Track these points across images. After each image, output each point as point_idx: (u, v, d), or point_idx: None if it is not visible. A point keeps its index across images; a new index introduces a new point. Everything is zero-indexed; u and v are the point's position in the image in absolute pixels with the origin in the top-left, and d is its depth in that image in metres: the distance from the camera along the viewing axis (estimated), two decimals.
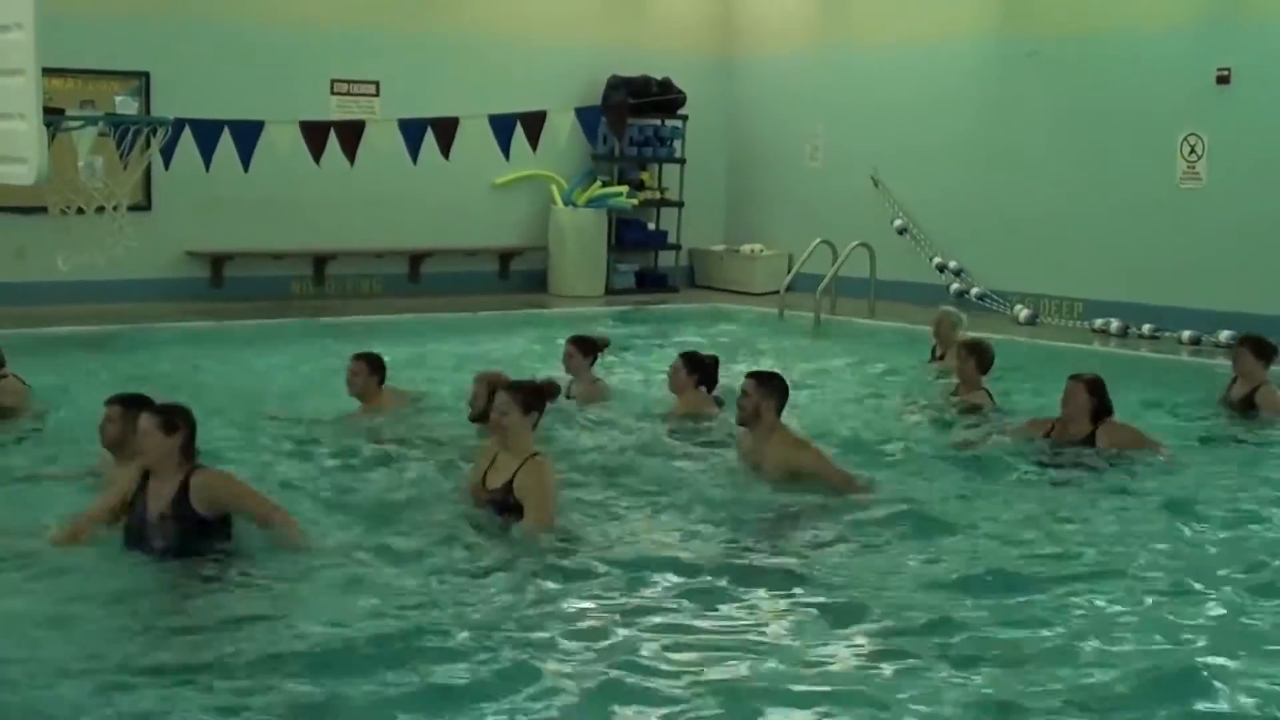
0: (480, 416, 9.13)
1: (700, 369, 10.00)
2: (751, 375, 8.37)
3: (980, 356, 10.53)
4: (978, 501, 8.18)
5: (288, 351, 12.94)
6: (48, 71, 6.70)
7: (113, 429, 7.53)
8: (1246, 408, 10.43)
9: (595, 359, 10.66)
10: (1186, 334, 14.45)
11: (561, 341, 11.00)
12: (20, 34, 6.48)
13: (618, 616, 6.14)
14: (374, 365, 9.83)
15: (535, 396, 7.52)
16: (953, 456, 9.25)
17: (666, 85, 18.38)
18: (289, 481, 8.29)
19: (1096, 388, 9.12)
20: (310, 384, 11.41)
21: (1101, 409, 9.10)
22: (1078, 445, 9.02)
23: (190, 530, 6.53)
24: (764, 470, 8.21)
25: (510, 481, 7.24)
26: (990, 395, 10.47)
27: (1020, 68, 16.34)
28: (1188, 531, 7.66)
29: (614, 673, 5.48)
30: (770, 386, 8.22)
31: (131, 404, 7.54)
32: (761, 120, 19.32)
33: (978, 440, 9.51)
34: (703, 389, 10.01)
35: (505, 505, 7.24)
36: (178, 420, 6.65)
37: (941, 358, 12.11)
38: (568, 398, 10.29)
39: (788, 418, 8.54)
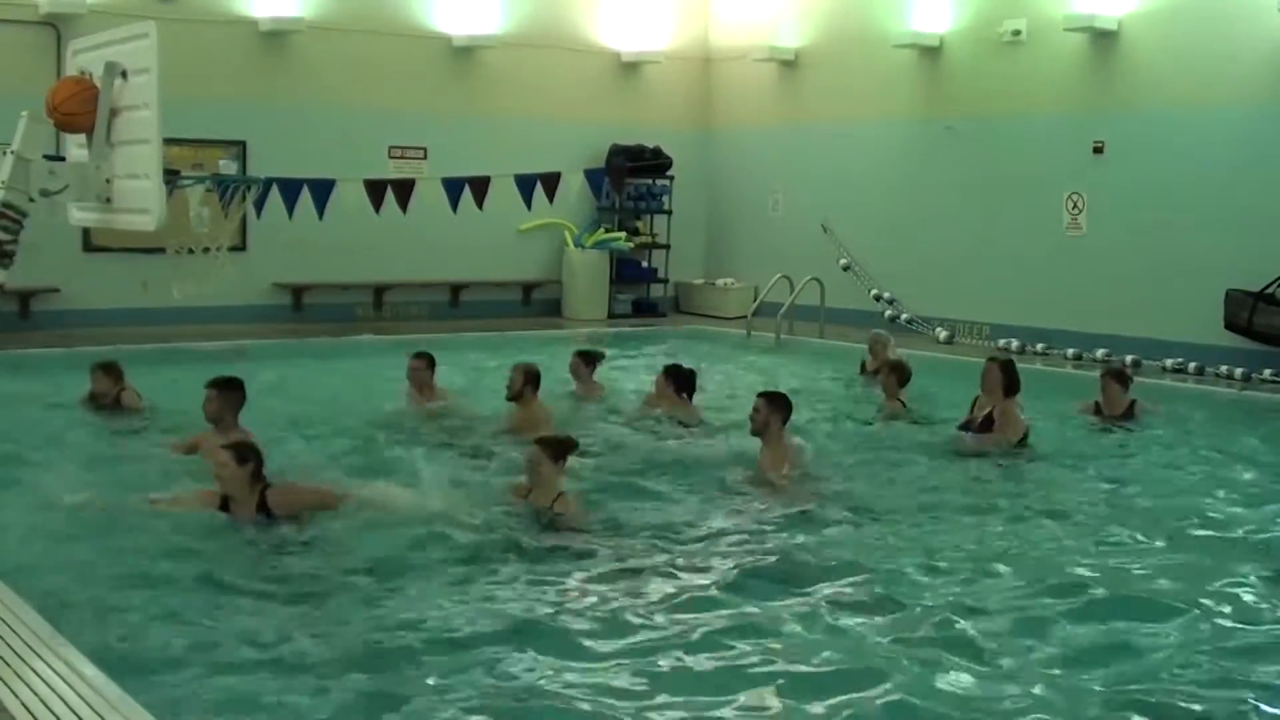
0: (515, 397, 9.27)
1: (679, 379, 9.88)
2: (762, 394, 8.10)
3: (900, 373, 10.68)
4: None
5: (353, 362, 13.14)
6: (167, 141, 6.82)
7: (212, 406, 7.68)
8: (1122, 418, 10.39)
9: (594, 368, 10.82)
10: (1070, 351, 14.56)
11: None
12: (146, 112, 6.70)
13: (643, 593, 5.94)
14: (430, 362, 10.04)
15: (560, 448, 7.11)
16: (877, 447, 9.37)
17: (657, 152, 18.47)
18: (360, 455, 8.48)
19: (1008, 367, 9.30)
20: (368, 385, 11.49)
21: (1011, 385, 9.19)
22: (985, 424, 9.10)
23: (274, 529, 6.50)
24: (768, 473, 7.87)
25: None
26: (904, 404, 10.52)
27: (939, 140, 16.44)
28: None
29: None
30: (777, 404, 7.96)
31: (224, 385, 7.77)
32: (734, 180, 19.36)
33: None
34: (683, 394, 9.82)
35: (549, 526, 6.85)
36: (248, 453, 6.55)
37: (875, 371, 11.86)
38: (574, 395, 10.48)
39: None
